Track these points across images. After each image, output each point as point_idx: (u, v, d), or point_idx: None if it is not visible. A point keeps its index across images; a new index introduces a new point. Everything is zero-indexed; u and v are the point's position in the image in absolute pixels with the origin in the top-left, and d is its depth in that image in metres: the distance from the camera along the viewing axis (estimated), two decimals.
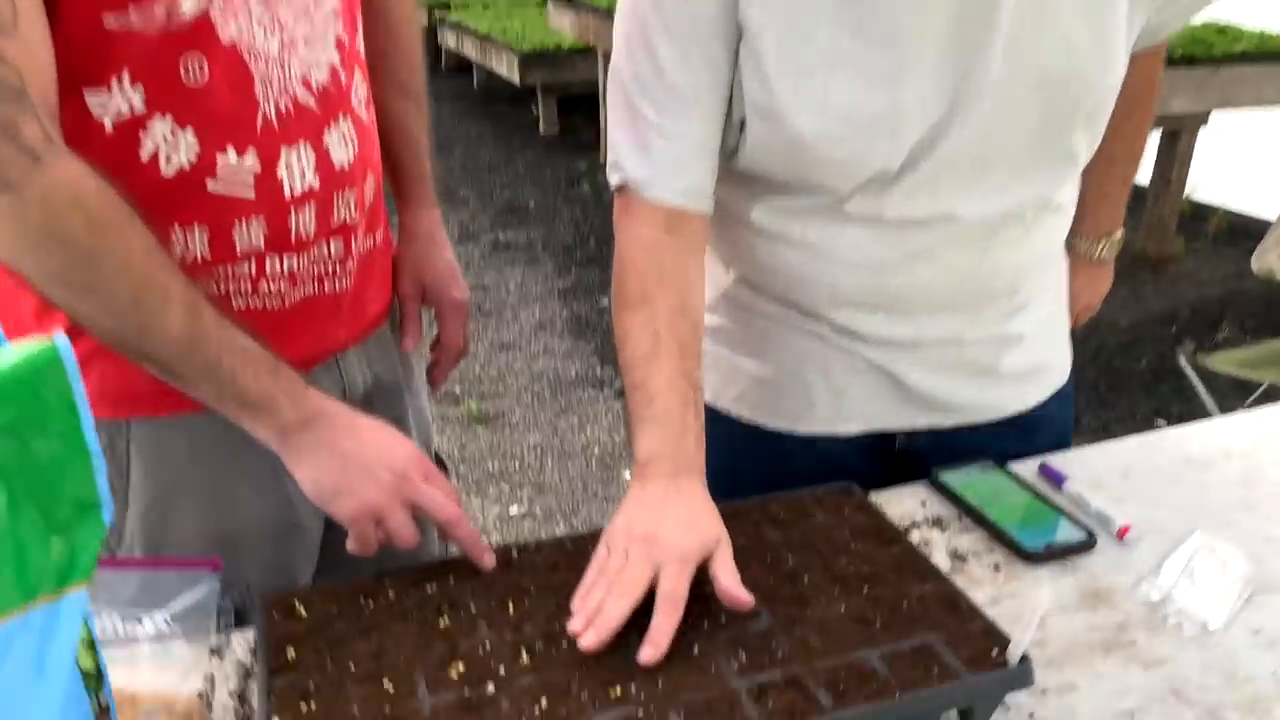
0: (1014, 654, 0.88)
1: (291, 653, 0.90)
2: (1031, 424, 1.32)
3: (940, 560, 1.10)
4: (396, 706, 0.84)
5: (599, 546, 0.95)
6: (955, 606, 0.94)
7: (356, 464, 0.97)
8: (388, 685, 0.87)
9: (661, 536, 0.92)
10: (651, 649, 0.86)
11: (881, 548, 1.02)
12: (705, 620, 0.93)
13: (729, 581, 0.92)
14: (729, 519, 1.06)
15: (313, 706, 0.85)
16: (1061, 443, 1.35)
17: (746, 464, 1.32)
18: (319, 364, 1.13)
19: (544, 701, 0.84)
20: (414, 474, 0.98)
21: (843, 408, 1.26)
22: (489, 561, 1.00)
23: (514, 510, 2.99)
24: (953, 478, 1.24)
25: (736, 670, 0.87)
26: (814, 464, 1.28)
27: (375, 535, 0.99)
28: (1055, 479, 1.24)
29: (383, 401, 1.22)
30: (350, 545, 1.00)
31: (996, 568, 1.11)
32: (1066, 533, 1.14)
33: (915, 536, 1.15)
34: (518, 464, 3.24)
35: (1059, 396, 1.34)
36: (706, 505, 0.98)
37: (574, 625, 0.88)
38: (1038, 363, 1.30)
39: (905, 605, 0.94)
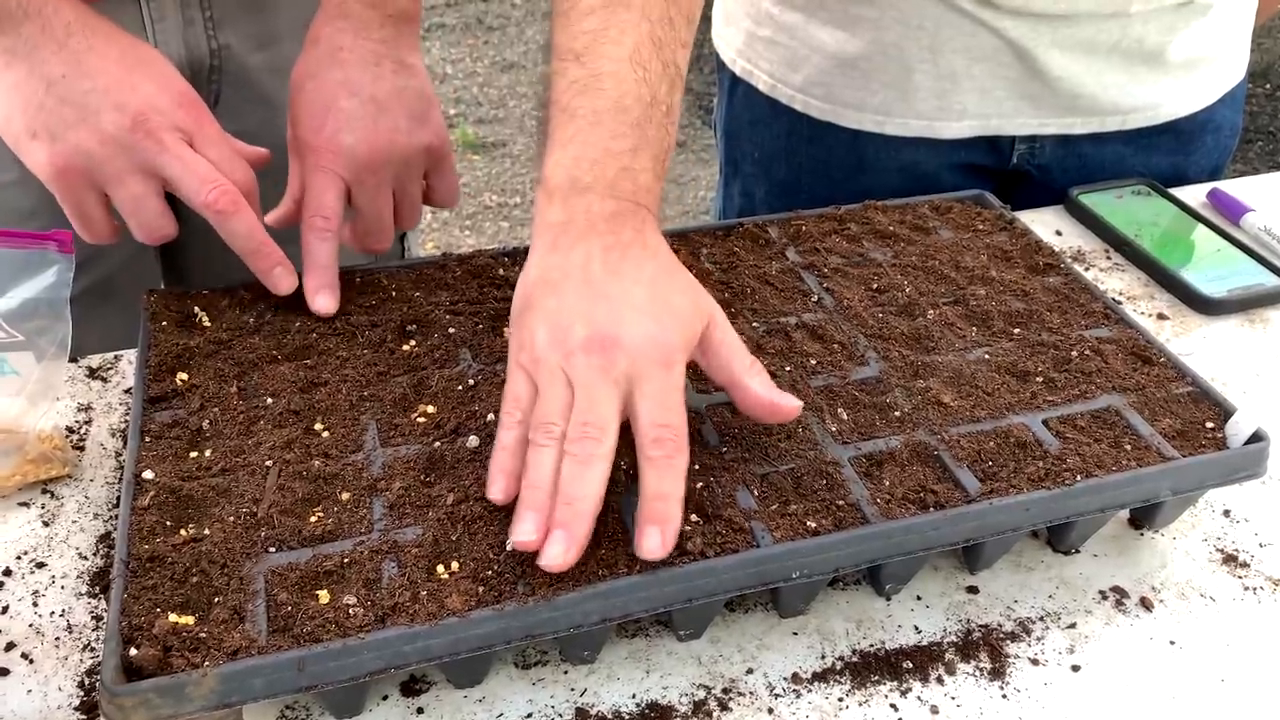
0: (1239, 429, 0.60)
1: (183, 377, 0.62)
2: (1190, 135, 1.01)
3: None
4: (332, 461, 0.57)
5: (510, 377, 0.56)
6: (1148, 359, 0.65)
7: (67, 95, 0.62)
8: (320, 429, 0.59)
9: (623, 334, 0.53)
10: (656, 533, 0.50)
11: (1034, 277, 0.72)
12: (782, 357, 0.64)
13: (762, 385, 0.56)
14: (805, 228, 0.76)
15: (204, 455, 0.57)
16: (1222, 161, 1.04)
17: (807, 174, 1.03)
18: None
19: None
20: (160, 124, 0.63)
21: (951, 99, 0.94)
22: (282, 284, 0.67)
23: None
24: (1097, 200, 0.94)
25: (834, 433, 0.59)
26: (897, 179, 0.99)
27: (98, 212, 0.66)
28: (1232, 209, 0.94)
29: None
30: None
31: (1161, 317, 0.82)
32: (1253, 276, 0.85)
33: None
34: (518, 199, 2.92)
35: (1230, 99, 1.01)
36: (677, 268, 0.59)
37: (520, 534, 0.50)
38: (1215, 50, 0.97)
39: (1075, 355, 0.65)
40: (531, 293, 0.56)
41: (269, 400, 0.60)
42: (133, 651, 0.46)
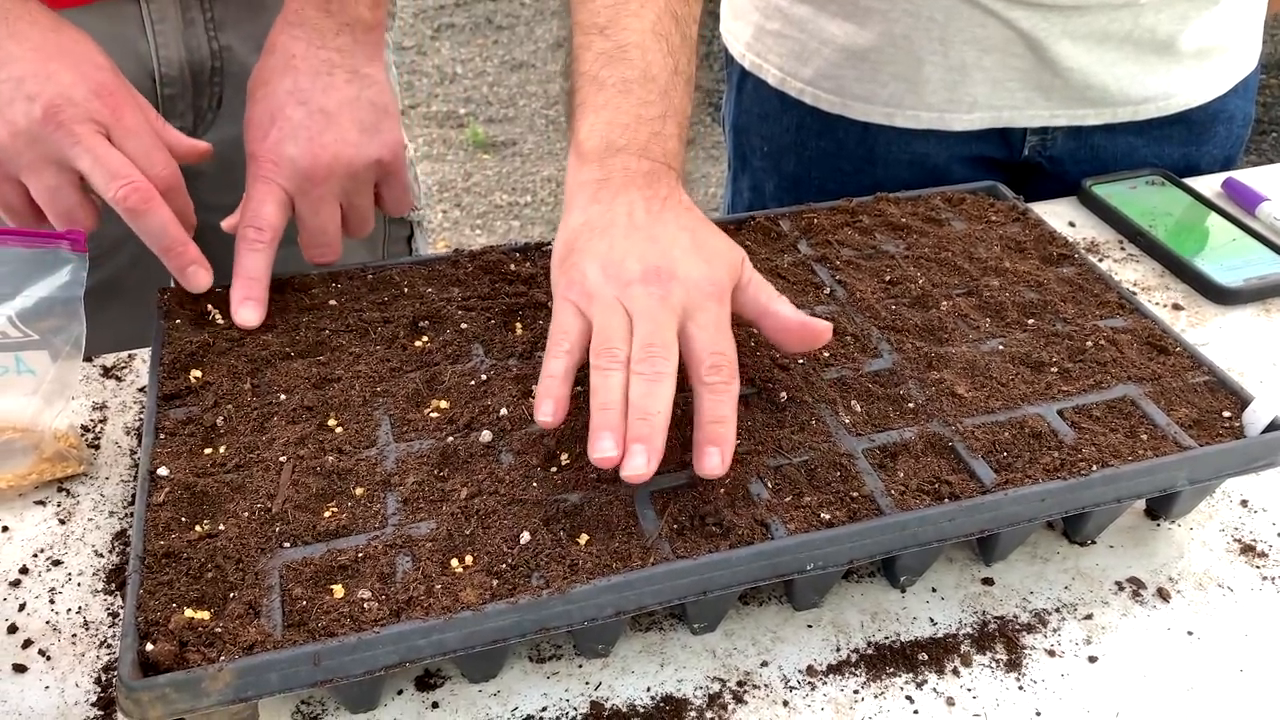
0: (1256, 418, 0.59)
1: (196, 374, 0.62)
2: (1203, 125, 1.00)
3: None
4: (345, 456, 0.57)
5: (558, 311, 0.57)
6: (1164, 348, 0.65)
7: None
8: (333, 425, 0.59)
9: (678, 268, 0.56)
10: (715, 453, 0.52)
11: (1048, 268, 0.72)
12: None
13: (791, 310, 0.59)
14: (817, 220, 0.76)
15: (219, 452, 0.57)
16: (1234, 152, 1.03)
17: (817, 167, 1.02)
18: None
19: (563, 458, 0.57)
20: (73, 116, 0.61)
21: (962, 90, 0.94)
22: (195, 282, 0.66)
23: None
24: (1111, 191, 0.93)
25: (848, 425, 0.59)
26: (908, 171, 0.99)
27: (18, 202, 0.65)
28: (1247, 199, 0.93)
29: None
30: None
31: (1176, 307, 0.81)
32: (1268, 265, 0.84)
33: None
34: (529, 198, 2.92)
35: (1242, 89, 1.01)
36: (704, 220, 0.61)
37: (601, 450, 0.51)
38: (1227, 40, 0.96)
39: (1090, 345, 0.65)
40: (575, 239, 0.58)
41: (282, 396, 0.60)
42: (149, 647, 0.46)
